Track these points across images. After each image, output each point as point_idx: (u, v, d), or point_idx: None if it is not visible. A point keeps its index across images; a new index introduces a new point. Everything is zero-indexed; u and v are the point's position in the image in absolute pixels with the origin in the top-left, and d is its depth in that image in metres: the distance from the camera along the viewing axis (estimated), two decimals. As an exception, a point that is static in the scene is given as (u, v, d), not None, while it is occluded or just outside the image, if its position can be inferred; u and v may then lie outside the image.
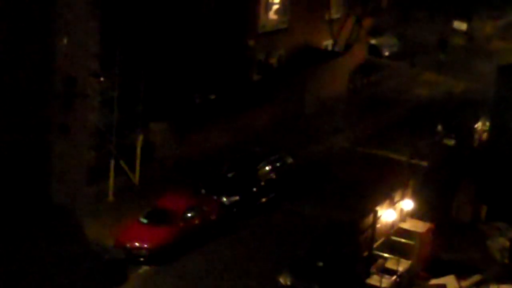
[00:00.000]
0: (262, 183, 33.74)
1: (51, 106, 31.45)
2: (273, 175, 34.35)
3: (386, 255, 28.44)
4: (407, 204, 29.67)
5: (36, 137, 31.40)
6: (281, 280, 27.80)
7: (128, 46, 32.33)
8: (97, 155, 33.15)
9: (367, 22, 49.54)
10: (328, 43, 48.12)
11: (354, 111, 44.60)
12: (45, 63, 31.02)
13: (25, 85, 30.84)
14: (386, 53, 54.33)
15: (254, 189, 33.40)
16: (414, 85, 49.88)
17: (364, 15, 48.07)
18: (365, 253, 27.99)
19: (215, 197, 32.39)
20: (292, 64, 44.91)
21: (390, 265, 28.26)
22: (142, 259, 29.05)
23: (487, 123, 37.53)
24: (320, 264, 27.84)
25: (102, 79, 32.71)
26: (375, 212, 27.89)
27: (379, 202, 28.93)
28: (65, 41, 31.04)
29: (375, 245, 28.24)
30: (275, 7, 45.00)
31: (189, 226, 30.16)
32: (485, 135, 38.04)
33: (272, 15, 45.05)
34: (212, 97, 40.30)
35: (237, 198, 32.66)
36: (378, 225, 28.12)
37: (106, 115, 32.82)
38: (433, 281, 28.77)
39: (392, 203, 29.01)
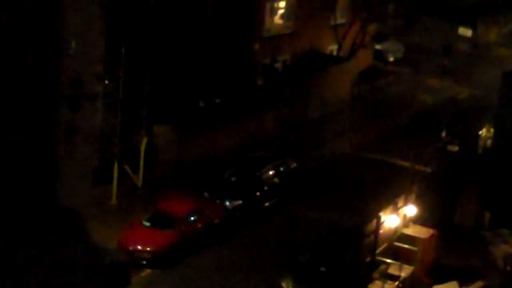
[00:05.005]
0: (266, 188, 33.73)
1: (57, 108, 31.57)
2: (276, 180, 34.34)
3: (388, 260, 28.44)
4: (410, 209, 29.68)
5: (43, 139, 31.51)
6: (283, 284, 27.82)
7: (133, 49, 32.37)
8: (101, 158, 33.15)
9: (372, 28, 49.53)
10: (333, 48, 48.12)
11: (358, 116, 44.59)
12: (52, 65, 31.14)
13: (32, 87, 30.97)
14: (391, 59, 54.31)
15: (257, 193, 33.40)
16: (418, 91, 49.85)
17: (369, 20, 48.06)
18: (368, 259, 28.00)
19: (218, 201, 32.39)
20: (296, 69, 44.90)
21: (392, 270, 28.26)
22: (144, 262, 29.08)
23: (491, 130, 37.52)
24: (323, 269, 27.84)
25: (106, 81, 32.73)
26: (378, 218, 27.91)
27: (382, 207, 28.95)
28: (73, 44, 31.15)
29: (377, 251, 28.25)
30: (280, 11, 45.02)
31: (192, 229, 30.17)
32: (489, 142, 38.02)
33: (277, 20, 45.08)
34: (217, 101, 40.31)
35: (240, 202, 32.65)
36: (381, 231, 28.14)
37: (110, 118, 32.84)
38: (436, 287, 28.77)
39: (395, 209, 29.02)
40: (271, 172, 34.36)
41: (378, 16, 50.20)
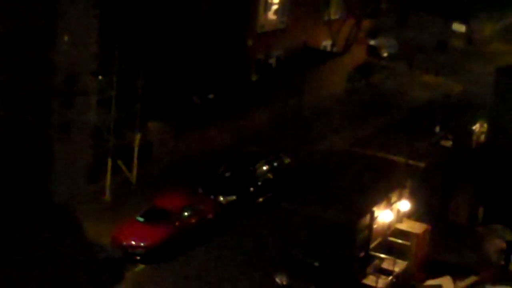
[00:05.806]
0: (259, 183, 33.75)
1: (51, 104, 31.56)
2: (270, 175, 34.36)
3: (382, 255, 28.48)
4: (404, 205, 29.71)
5: (36, 135, 31.49)
6: (278, 279, 27.84)
7: (126, 45, 32.34)
8: (95, 154, 33.15)
9: (366, 23, 49.56)
10: (327, 43, 48.15)
11: (352, 112, 44.61)
12: (46, 61, 31.12)
13: (25, 83, 30.94)
14: (385, 54, 54.33)
15: (251, 189, 33.42)
16: (412, 87, 49.89)
17: (363, 16, 48.09)
18: (362, 254, 28.02)
19: (212, 197, 32.41)
20: (290, 65, 44.92)
21: (386, 265, 28.32)
22: (138, 257, 29.07)
23: (485, 125, 37.55)
24: (317, 264, 27.87)
25: (100, 77, 32.71)
26: (372, 213, 27.93)
27: (376, 202, 28.97)
28: (65, 39, 31.14)
29: (371, 246, 28.28)
30: (274, 7, 45.04)
31: (185, 225, 30.18)
32: (482, 137, 38.08)
33: (271, 15, 45.09)
34: (211, 96, 40.31)
35: (234, 197, 32.67)
36: (375, 226, 28.17)
37: (104, 114, 32.82)
38: (429, 282, 28.83)
39: (389, 204, 29.05)
40: (264, 168, 34.38)
41: (372, 11, 50.21)
